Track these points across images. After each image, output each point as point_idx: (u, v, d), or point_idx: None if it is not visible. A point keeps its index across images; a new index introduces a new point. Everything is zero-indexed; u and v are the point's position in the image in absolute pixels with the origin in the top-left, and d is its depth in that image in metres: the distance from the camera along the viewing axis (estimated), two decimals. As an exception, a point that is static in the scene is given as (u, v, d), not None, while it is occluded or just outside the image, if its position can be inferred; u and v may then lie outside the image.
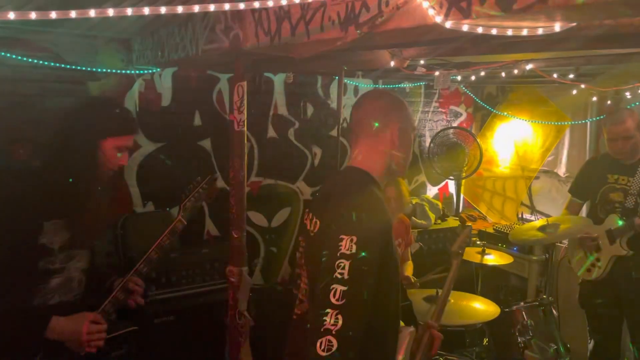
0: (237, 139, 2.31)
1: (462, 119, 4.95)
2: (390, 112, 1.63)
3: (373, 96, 1.74)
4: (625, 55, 2.36)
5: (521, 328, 2.80)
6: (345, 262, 1.34)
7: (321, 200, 1.60)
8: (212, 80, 3.65)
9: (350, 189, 1.52)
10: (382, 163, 1.61)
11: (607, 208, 3.12)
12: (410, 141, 1.67)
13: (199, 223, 3.72)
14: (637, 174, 3.01)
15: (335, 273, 1.33)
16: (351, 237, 1.36)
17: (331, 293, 1.32)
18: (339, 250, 1.36)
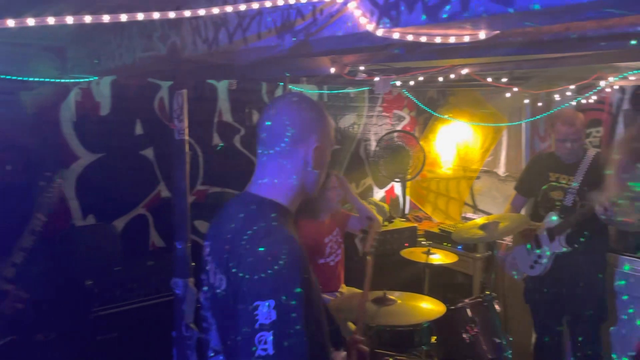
0: (178, 147, 2.28)
1: (406, 123, 5.06)
2: (308, 127, 1.38)
3: (290, 103, 1.42)
4: (552, 60, 2.48)
5: (466, 324, 2.87)
6: (266, 335, 1.14)
7: (225, 242, 1.31)
8: (153, 88, 3.58)
9: (258, 234, 1.25)
10: (293, 187, 1.38)
11: (547, 206, 3.21)
12: (327, 159, 1.44)
13: (143, 234, 3.63)
14: (577, 173, 3.09)
15: (258, 350, 1.14)
16: (267, 302, 1.15)
17: None
18: (257, 321, 1.15)
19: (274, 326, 1.14)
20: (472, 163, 4.60)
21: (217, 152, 3.90)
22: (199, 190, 3.86)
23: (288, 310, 1.16)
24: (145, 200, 3.63)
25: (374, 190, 4.95)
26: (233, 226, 1.31)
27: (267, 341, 1.14)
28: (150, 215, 3.65)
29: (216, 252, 1.35)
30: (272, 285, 1.17)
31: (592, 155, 3.13)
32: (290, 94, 1.56)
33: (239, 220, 1.32)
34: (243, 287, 1.20)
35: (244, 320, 1.18)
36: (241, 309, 1.19)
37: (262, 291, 1.17)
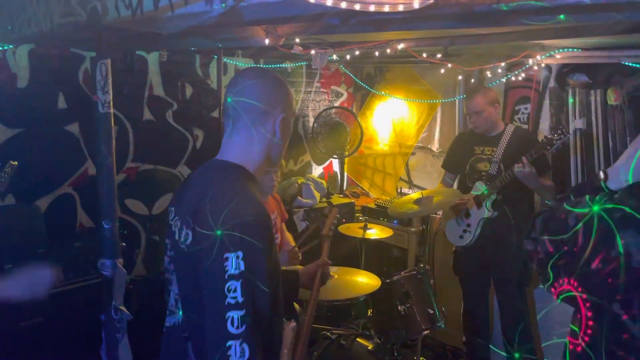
0: (102, 121, 2.14)
1: (344, 99, 5.05)
2: (274, 99, 1.44)
3: (254, 78, 1.46)
4: (485, 36, 2.52)
5: (401, 297, 2.93)
6: (236, 284, 1.21)
7: (189, 204, 1.37)
8: (77, 58, 3.36)
9: (225, 195, 1.31)
10: (260, 156, 1.45)
11: (474, 177, 3.35)
12: (290, 130, 1.52)
13: (70, 214, 3.44)
14: (500, 143, 3.26)
15: (227, 298, 1.20)
16: (236, 253, 1.22)
17: (228, 322, 1.20)
18: (226, 272, 1.21)
19: (242, 275, 1.21)
20: (408, 139, 4.67)
21: (148, 128, 3.73)
22: (130, 167, 3.69)
23: (255, 262, 1.24)
24: (71, 179, 3.43)
25: (313, 166, 4.93)
26: (200, 188, 1.38)
27: (236, 289, 1.20)
28: (77, 194, 3.46)
29: (182, 213, 1.40)
30: (240, 238, 1.23)
31: (512, 129, 3.31)
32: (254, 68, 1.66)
33: (205, 182, 1.40)
34: (211, 242, 1.25)
35: (213, 273, 1.23)
36: (210, 262, 1.24)
37: (231, 244, 1.23)
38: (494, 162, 3.27)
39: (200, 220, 1.29)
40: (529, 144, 3.12)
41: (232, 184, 1.36)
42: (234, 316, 1.20)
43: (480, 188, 3.29)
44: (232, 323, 1.20)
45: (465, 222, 3.36)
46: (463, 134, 3.72)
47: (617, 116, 3.29)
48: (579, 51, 3.13)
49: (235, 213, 1.26)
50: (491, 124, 3.29)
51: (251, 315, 1.22)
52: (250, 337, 1.21)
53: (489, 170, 3.28)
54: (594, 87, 3.39)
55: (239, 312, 1.20)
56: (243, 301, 1.21)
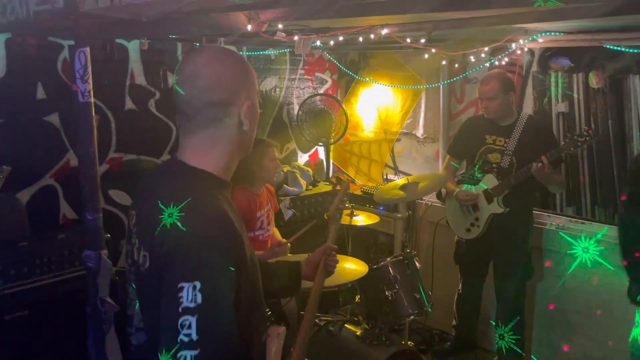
0: (83, 111, 2.11)
1: (328, 86, 5.03)
2: (237, 85, 1.22)
3: (209, 63, 1.21)
4: (468, 20, 2.52)
5: (388, 282, 2.95)
6: (191, 319, 1.05)
7: (148, 220, 1.18)
8: (55, 47, 3.29)
9: (182, 211, 1.12)
10: (227, 154, 1.25)
11: (484, 168, 3.25)
12: (257, 112, 1.30)
13: (52, 206, 3.39)
14: (513, 135, 3.14)
15: (180, 335, 1.05)
16: (193, 283, 1.06)
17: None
18: (180, 305, 1.05)
19: (198, 310, 1.05)
20: (393, 125, 4.68)
21: (131, 117, 3.68)
22: (113, 158, 3.64)
23: (216, 292, 1.08)
24: (53, 170, 3.37)
25: (298, 154, 4.92)
26: (159, 198, 1.17)
27: (190, 325, 1.05)
28: (59, 186, 3.41)
29: (141, 226, 1.24)
30: (199, 265, 1.08)
31: (526, 117, 3.21)
32: (206, 49, 1.29)
33: (165, 192, 1.19)
34: (167, 266, 1.10)
35: (166, 303, 1.08)
36: (164, 290, 1.10)
37: (188, 272, 1.07)
38: (506, 154, 3.16)
39: (156, 243, 1.13)
40: (543, 137, 3.04)
41: (192, 198, 1.15)
42: (186, 356, 1.05)
43: (490, 182, 3.21)
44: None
45: (474, 215, 3.30)
46: (472, 120, 3.55)
47: (599, 99, 3.32)
48: (561, 35, 3.15)
49: (195, 235, 1.10)
50: (503, 111, 3.17)
51: (208, 354, 1.06)
52: None
53: (501, 162, 3.19)
54: (576, 70, 3.42)
55: (192, 352, 1.05)
56: (198, 339, 1.05)
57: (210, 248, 1.10)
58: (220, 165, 1.25)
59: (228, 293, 1.10)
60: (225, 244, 1.12)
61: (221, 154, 1.24)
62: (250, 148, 1.33)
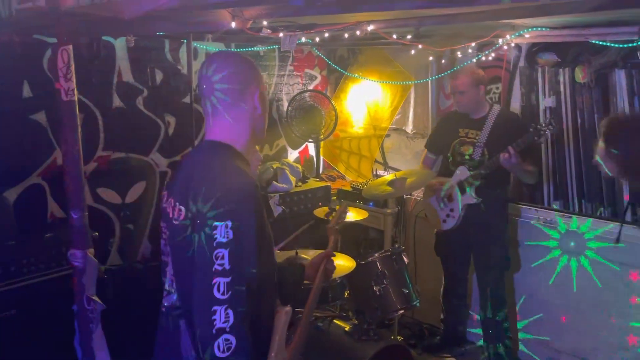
0: (67, 109, 2.10)
1: (317, 82, 5.02)
2: (248, 77, 1.51)
3: (224, 61, 1.53)
4: (454, 16, 2.52)
5: (376, 277, 2.96)
6: (224, 251, 1.26)
7: (182, 183, 1.46)
8: (41, 45, 3.26)
9: (214, 169, 1.40)
10: (245, 132, 1.51)
11: (457, 160, 3.34)
12: (267, 102, 1.60)
13: (40, 205, 3.37)
14: (484, 127, 3.25)
15: (215, 265, 1.25)
16: (225, 222, 1.28)
17: (214, 288, 1.24)
18: (215, 240, 1.27)
19: (230, 244, 1.26)
20: (382, 121, 4.68)
21: (118, 115, 3.67)
22: (101, 156, 3.63)
23: (244, 232, 1.28)
24: (40, 169, 3.36)
25: (288, 151, 4.92)
26: (190, 167, 1.46)
27: (224, 256, 1.25)
28: (46, 185, 3.39)
29: (175, 192, 1.48)
30: (230, 209, 1.29)
31: (497, 110, 3.30)
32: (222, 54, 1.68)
33: (195, 162, 1.47)
34: (202, 213, 1.30)
35: (203, 241, 1.28)
36: (200, 231, 1.29)
37: (221, 213, 1.28)
38: (477, 146, 3.25)
39: (192, 195, 1.36)
40: (514, 130, 3.11)
41: (221, 160, 1.42)
42: (220, 282, 1.24)
43: (463, 173, 3.27)
44: (218, 289, 1.24)
45: (449, 206, 3.35)
46: (448, 115, 3.67)
47: (585, 94, 3.33)
48: (547, 30, 3.16)
49: (224, 186, 1.32)
50: (475, 105, 3.27)
51: (238, 283, 1.25)
52: (235, 304, 1.24)
53: (472, 154, 3.27)
54: (563, 65, 3.43)
55: (225, 279, 1.24)
56: (230, 268, 1.25)
57: (238, 195, 1.31)
58: (240, 142, 1.50)
59: (253, 233, 1.30)
60: (250, 194, 1.34)
61: (241, 132, 1.50)
62: (264, 132, 1.58)
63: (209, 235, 1.27)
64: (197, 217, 1.32)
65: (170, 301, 1.50)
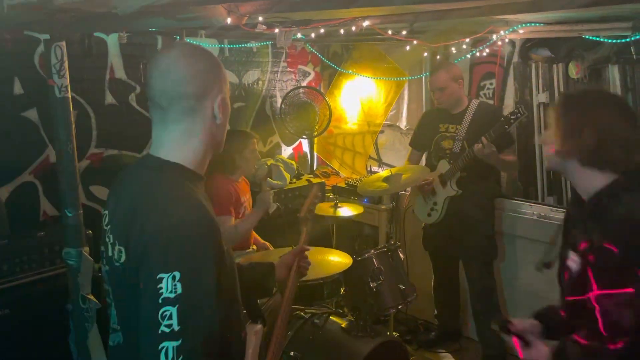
0: (60, 106, 2.07)
1: (311, 78, 5.01)
2: (209, 79, 1.25)
3: (182, 58, 1.24)
4: (449, 12, 2.52)
5: (372, 274, 2.96)
6: (171, 309, 1.05)
7: (122, 215, 1.21)
8: (32, 42, 3.22)
9: (159, 202, 1.16)
10: (201, 146, 1.26)
11: (439, 155, 3.39)
12: (229, 108, 1.33)
13: (32, 203, 3.34)
14: (463, 121, 3.29)
15: (161, 327, 1.05)
16: (172, 274, 1.06)
17: (162, 354, 1.05)
18: (160, 296, 1.06)
19: (179, 299, 1.06)
20: (376, 117, 4.68)
21: (111, 112, 3.63)
22: (94, 153, 3.60)
23: (196, 282, 1.08)
24: (32, 166, 3.32)
25: (282, 147, 4.90)
26: (133, 194, 1.21)
27: (171, 315, 1.05)
28: (39, 183, 3.36)
29: (115, 222, 1.24)
30: (178, 255, 1.08)
31: (476, 104, 3.34)
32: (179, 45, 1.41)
33: (140, 187, 1.22)
34: (145, 259, 1.10)
35: (146, 295, 1.09)
36: (143, 282, 1.10)
37: (167, 262, 1.08)
38: (457, 140, 3.30)
39: (133, 236, 1.14)
40: (492, 121, 3.15)
41: (169, 189, 1.19)
42: (168, 347, 1.05)
43: (444, 167, 3.32)
44: (166, 355, 1.05)
45: (432, 200, 3.41)
46: (429, 112, 3.75)
47: (578, 89, 3.35)
48: (541, 26, 3.17)
49: (171, 225, 1.11)
50: (455, 100, 3.31)
51: (190, 345, 1.07)
52: None
53: (453, 148, 3.32)
54: (556, 61, 3.45)
55: (173, 343, 1.05)
56: (180, 329, 1.05)
57: (188, 237, 1.10)
58: (194, 159, 1.26)
59: (208, 281, 1.11)
60: (203, 233, 1.13)
61: (195, 148, 1.26)
62: (222, 143, 1.34)
63: (153, 289, 1.07)
64: (139, 265, 1.11)
65: (117, 341, 1.29)
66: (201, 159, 1.28)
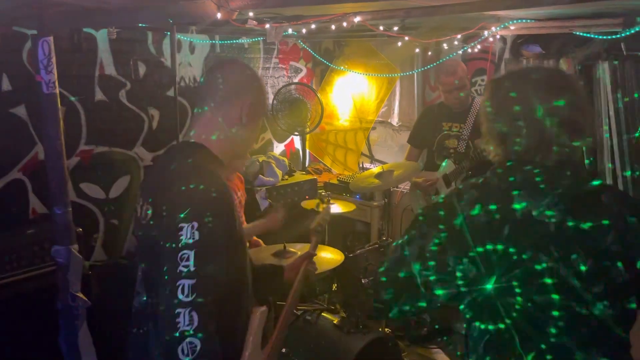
0: (48, 103, 2.05)
1: (303, 75, 4.99)
2: (246, 83, 1.49)
3: (227, 64, 1.59)
4: (440, 7, 2.51)
5: (364, 270, 2.96)
6: (189, 252, 1.23)
7: (151, 183, 1.46)
8: (20, 37, 3.18)
9: (183, 169, 1.37)
10: (226, 138, 1.46)
11: (442, 154, 3.35)
12: (258, 121, 1.54)
13: (21, 200, 3.30)
14: (468, 120, 3.26)
15: (180, 267, 1.22)
16: (191, 223, 1.24)
17: (179, 290, 1.21)
18: (180, 241, 1.23)
19: (196, 245, 1.23)
20: (368, 114, 4.68)
21: (101, 109, 3.60)
22: (83, 150, 3.56)
23: (211, 233, 1.25)
24: (21, 164, 3.28)
25: (274, 144, 4.89)
26: (161, 167, 1.44)
27: (189, 258, 1.22)
28: (28, 180, 3.32)
29: (144, 191, 1.46)
30: (197, 211, 1.25)
31: (480, 102, 3.30)
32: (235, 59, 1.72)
33: (166, 161, 1.43)
34: (169, 214, 1.28)
35: (168, 241, 1.25)
36: (167, 232, 1.26)
37: (187, 214, 1.25)
38: (462, 139, 3.26)
39: (159, 196, 1.34)
40: None
41: (192, 161, 1.38)
42: (184, 284, 1.21)
43: (449, 166, 3.27)
44: (182, 291, 1.20)
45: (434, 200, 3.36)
46: (430, 109, 3.67)
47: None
48: (532, 22, 3.17)
49: (192, 188, 1.28)
50: (466, 99, 3.27)
51: (204, 284, 1.22)
52: (200, 306, 1.21)
53: (458, 147, 3.28)
54: (547, 57, 3.45)
55: (190, 281, 1.21)
56: (195, 270, 1.21)
57: (207, 197, 1.28)
58: (217, 145, 1.45)
59: (220, 235, 1.28)
60: (219, 196, 1.30)
61: (221, 135, 1.45)
62: (243, 150, 1.56)
63: (175, 235, 1.24)
64: (163, 218, 1.30)
65: (139, 302, 1.45)
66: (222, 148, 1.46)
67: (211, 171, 1.37)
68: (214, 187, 1.31)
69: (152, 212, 1.35)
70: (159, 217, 1.31)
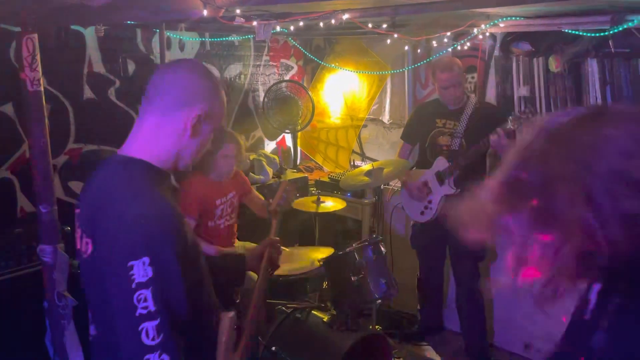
0: (33, 100, 2.03)
1: (294, 72, 4.98)
2: (196, 93, 1.31)
3: (184, 66, 1.38)
4: (429, 5, 2.51)
5: (354, 268, 2.96)
6: (145, 292, 1.12)
7: (87, 210, 1.29)
8: (6, 35, 3.15)
9: (123, 194, 1.22)
10: (167, 149, 1.32)
11: (435, 151, 3.32)
12: (208, 136, 1.38)
13: (9, 199, 3.28)
14: (462, 118, 3.22)
15: (138, 310, 1.12)
16: (141, 260, 1.13)
17: (142, 335, 1.11)
18: (132, 281, 1.12)
19: (151, 282, 1.13)
20: (359, 112, 4.67)
21: (89, 107, 3.58)
22: (72, 149, 3.54)
23: (164, 265, 1.15)
24: (8, 162, 3.26)
25: (265, 142, 4.87)
26: (99, 188, 1.29)
27: (146, 298, 1.12)
28: (15, 179, 3.30)
29: (82, 219, 1.32)
30: (144, 242, 1.15)
31: (474, 101, 3.30)
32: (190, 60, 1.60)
33: (104, 183, 1.29)
34: (112, 249, 1.16)
35: (119, 283, 1.14)
36: (113, 273, 1.16)
37: (135, 250, 1.14)
38: (455, 137, 3.23)
39: (99, 227, 1.21)
40: (491, 119, 3.10)
41: (132, 183, 1.25)
42: (147, 327, 1.12)
43: (442, 164, 3.25)
44: (147, 335, 1.12)
45: (427, 198, 3.34)
46: (424, 105, 3.64)
47: (558, 83, 3.37)
48: (522, 19, 3.18)
49: (136, 215, 1.17)
50: (462, 96, 3.26)
51: (168, 322, 1.14)
52: (169, 345, 1.13)
53: (451, 145, 3.26)
54: (537, 54, 3.46)
55: (152, 322, 1.12)
56: (156, 309, 1.12)
57: (152, 224, 1.17)
58: (159, 158, 1.32)
59: (174, 262, 1.17)
60: (166, 223, 1.20)
61: (161, 147, 1.31)
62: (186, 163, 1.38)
63: (125, 276, 1.13)
64: (110, 255, 1.17)
65: (91, 333, 1.36)
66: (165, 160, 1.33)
67: (155, 193, 1.24)
68: (160, 211, 1.20)
69: (92, 246, 1.24)
70: (104, 254, 1.20)
